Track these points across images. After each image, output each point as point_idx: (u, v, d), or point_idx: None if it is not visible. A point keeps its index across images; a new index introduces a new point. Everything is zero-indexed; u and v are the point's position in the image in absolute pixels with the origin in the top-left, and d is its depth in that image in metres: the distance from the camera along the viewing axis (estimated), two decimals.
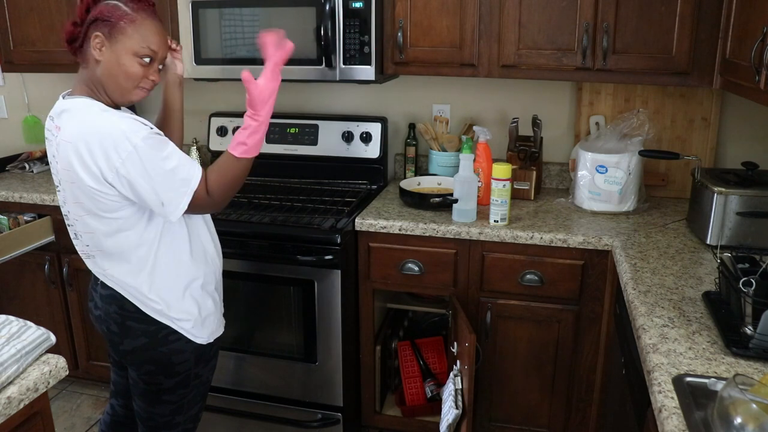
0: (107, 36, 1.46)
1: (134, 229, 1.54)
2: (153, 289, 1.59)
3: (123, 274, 1.58)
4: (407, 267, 2.24)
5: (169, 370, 1.65)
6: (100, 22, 1.46)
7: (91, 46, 1.47)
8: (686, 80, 2.14)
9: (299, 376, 2.32)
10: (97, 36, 1.46)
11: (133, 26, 1.47)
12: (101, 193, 1.47)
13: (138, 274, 1.57)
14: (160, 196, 1.47)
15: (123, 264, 1.57)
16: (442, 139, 2.61)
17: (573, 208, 2.36)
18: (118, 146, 1.41)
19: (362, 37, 2.25)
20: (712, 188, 1.90)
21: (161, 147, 1.46)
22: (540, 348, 2.22)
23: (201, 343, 1.67)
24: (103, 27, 1.46)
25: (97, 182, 1.45)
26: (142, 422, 1.75)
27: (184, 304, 1.62)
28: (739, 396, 1.04)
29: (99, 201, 1.48)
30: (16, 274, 2.75)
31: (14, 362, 1.22)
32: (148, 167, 1.43)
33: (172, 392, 1.69)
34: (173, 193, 1.47)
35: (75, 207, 1.54)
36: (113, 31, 1.46)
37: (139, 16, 1.49)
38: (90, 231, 1.55)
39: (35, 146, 3.22)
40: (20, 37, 2.75)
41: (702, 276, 1.73)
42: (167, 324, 1.61)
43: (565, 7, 2.15)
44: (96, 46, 1.47)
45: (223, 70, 2.43)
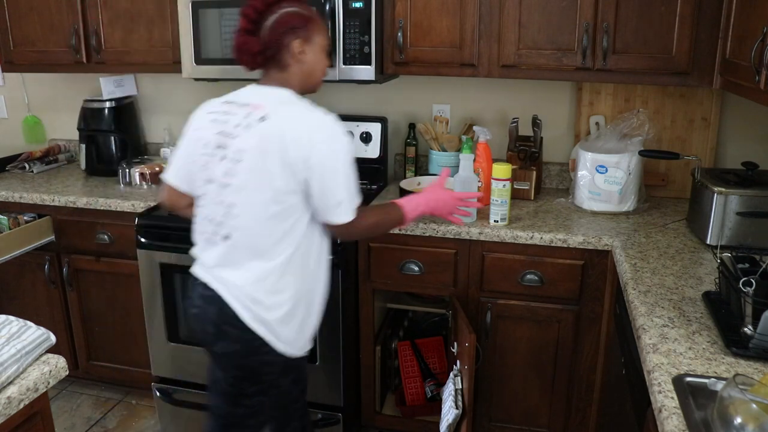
0: (305, 40, 1.60)
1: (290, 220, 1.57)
2: (270, 295, 1.59)
3: (247, 278, 1.58)
4: (407, 267, 2.24)
5: (255, 379, 1.67)
6: (295, 29, 1.58)
7: (293, 53, 1.59)
8: (686, 80, 2.14)
9: None
10: (298, 43, 1.59)
11: (317, 26, 1.63)
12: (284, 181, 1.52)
13: (265, 278, 1.58)
14: (340, 194, 1.55)
15: (257, 264, 1.57)
16: (442, 139, 2.61)
17: (573, 208, 2.36)
18: (335, 137, 1.55)
19: (362, 37, 2.25)
20: (712, 188, 1.90)
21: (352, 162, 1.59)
22: (540, 348, 2.22)
23: (292, 356, 1.67)
24: (300, 33, 1.59)
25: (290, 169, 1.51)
26: (216, 416, 1.77)
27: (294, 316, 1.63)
28: (739, 396, 1.04)
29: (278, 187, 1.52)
30: (16, 274, 2.75)
31: (14, 362, 1.22)
32: (347, 165, 1.56)
33: (252, 398, 1.70)
34: (350, 196, 1.58)
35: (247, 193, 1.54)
36: (308, 34, 1.60)
37: (313, 14, 1.64)
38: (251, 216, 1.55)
39: (35, 146, 3.23)
40: (20, 37, 2.76)
41: (702, 276, 1.73)
42: (263, 336, 1.60)
43: (565, 7, 2.15)
44: (298, 52, 1.59)
45: (223, 70, 2.43)
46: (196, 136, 1.64)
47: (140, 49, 2.62)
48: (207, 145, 1.60)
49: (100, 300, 2.68)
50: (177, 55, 2.49)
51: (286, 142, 1.50)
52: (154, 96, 3.07)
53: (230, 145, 1.55)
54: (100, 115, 2.89)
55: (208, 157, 1.59)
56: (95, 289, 2.67)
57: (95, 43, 2.65)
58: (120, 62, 2.67)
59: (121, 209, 2.50)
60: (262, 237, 1.56)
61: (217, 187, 1.58)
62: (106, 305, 2.68)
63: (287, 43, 1.58)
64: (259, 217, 1.55)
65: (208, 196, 1.61)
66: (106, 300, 2.67)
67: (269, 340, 1.60)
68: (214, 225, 1.60)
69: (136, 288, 2.46)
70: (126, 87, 2.97)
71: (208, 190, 1.61)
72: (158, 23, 2.56)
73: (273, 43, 1.57)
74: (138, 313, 2.52)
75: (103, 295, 2.66)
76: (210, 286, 1.61)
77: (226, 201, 1.57)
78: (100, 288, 2.66)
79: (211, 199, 1.60)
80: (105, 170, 2.89)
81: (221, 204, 1.58)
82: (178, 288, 2.36)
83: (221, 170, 1.56)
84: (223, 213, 1.58)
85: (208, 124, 1.62)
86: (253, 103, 1.58)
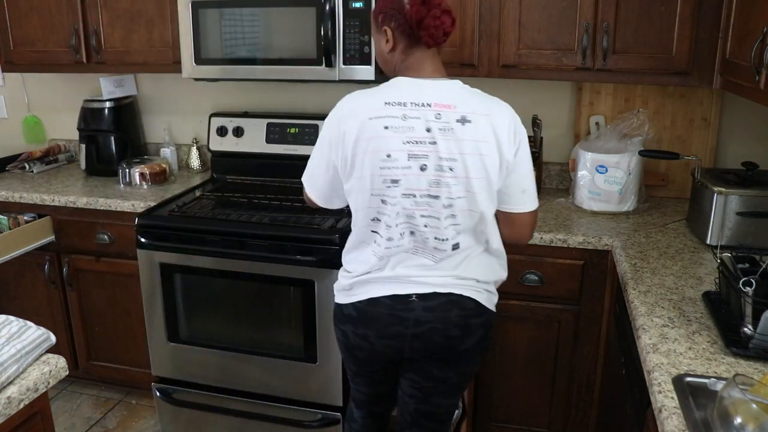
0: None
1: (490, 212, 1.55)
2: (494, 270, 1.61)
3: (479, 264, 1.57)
4: None
5: (484, 354, 1.68)
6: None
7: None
8: (686, 80, 2.14)
9: (299, 376, 2.32)
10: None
11: None
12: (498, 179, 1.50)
13: (490, 259, 1.59)
14: (526, 183, 1.54)
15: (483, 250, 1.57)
16: None
17: (573, 208, 2.36)
18: (519, 127, 1.52)
19: (362, 37, 2.25)
20: (712, 188, 1.90)
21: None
22: (540, 348, 2.22)
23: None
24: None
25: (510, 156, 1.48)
26: (428, 423, 1.72)
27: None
28: (739, 396, 1.04)
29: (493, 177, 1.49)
30: (16, 274, 2.75)
31: (14, 362, 1.22)
32: (530, 157, 1.54)
33: (474, 376, 1.74)
34: (532, 186, 1.56)
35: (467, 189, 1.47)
36: None
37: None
38: (476, 211, 1.50)
39: (35, 146, 3.23)
40: (20, 37, 2.75)
41: (702, 276, 1.73)
42: (492, 309, 1.62)
43: (565, 7, 2.15)
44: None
45: (223, 70, 2.43)
46: (371, 147, 1.47)
47: (140, 49, 2.62)
48: (391, 158, 1.46)
49: (100, 300, 2.68)
50: (177, 55, 2.49)
51: (500, 140, 1.46)
52: (154, 96, 3.07)
53: (430, 153, 1.44)
54: (100, 115, 2.89)
55: (402, 171, 1.46)
56: (95, 289, 2.67)
57: (95, 43, 2.65)
58: (120, 62, 2.67)
59: (121, 209, 2.50)
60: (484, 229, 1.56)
61: (418, 200, 1.47)
62: (106, 305, 2.68)
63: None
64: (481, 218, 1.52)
65: (403, 211, 1.49)
66: (106, 300, 2.67)
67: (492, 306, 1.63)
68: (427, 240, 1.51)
69: (136, 288, 2.46)
70: (126, 87, 2.97)
71: (403, 205, 1.48)
72: (158, 23, 2.56)
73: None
74: (138, 313, 2.52)
75: (103, 295, 2.66)
76: (438, 293, 1.54)
77: (440, 213, 1.48)
78: (100, 288, 2.66)
79: (411, 212, 1.49)
80: (105, 170, 2.89)
81: (432, 217, 1.48)
82: (178, 288, 2.36)
83: (426, 182, 1.46)
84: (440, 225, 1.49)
85: (383, 132, 1.46)
86: (436, 102, 1.46)
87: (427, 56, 1.53)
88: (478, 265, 1.57)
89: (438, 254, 1.53)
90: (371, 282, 1.57)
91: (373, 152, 1.47)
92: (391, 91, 1.50)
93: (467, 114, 1.45)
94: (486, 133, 1.45)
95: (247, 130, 2.74)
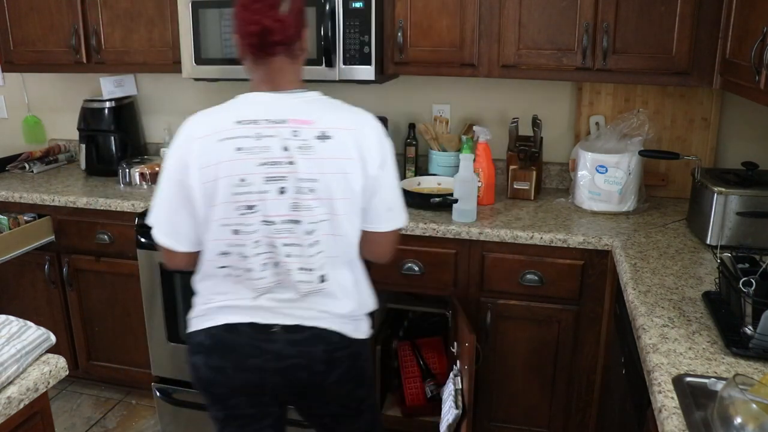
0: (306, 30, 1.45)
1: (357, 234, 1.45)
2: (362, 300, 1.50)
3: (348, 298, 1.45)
4: (407, 267, 2.24)
5: (363, 380, 1.56)
6: (304, 18, 1.43)
7: (303, 43, 1.43)
8: (686, 80, 2.14)
9: None
10: (306, 31, 1.44)
11: None
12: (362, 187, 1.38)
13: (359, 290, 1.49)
14: (392, 201, 1.44)
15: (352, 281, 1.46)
16: (442, 139, 2.61)
17: (573, 208, 2.36)
18: (386, 138, 1.43)
19: (362, 37, 2.25)
20: (712, 188, 1.90)
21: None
22: (540, 348, 2.22)
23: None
24: (307, 22, 1.45)
25: (365, 174, 1.37)
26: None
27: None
28: (739, 396, 1.04)
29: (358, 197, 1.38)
30: (16, 274, 2.75)
31: (14, 362, 1.22)
32: (395, 172, 1.45)
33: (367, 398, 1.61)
34: (399, 203, 1.47)
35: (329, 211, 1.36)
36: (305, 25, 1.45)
37: None
38: (340, 236, 1.39)
39: (35, 146, 3.23)
40: (20, 37, 2.75)
41: (702, 276, 1.73)
42: (361, 337, 1.51)
43: (565, 7, 2.15)
44: (306, 42, 1.44)
45: (223, 70, 2.43)
46: (221, 173, 1.33)
47: (140, 49, 2.62)
48: (245, 183, 1.32)
49: (100, 300, 2.68)
50: (177, 55, 2.49)
51: (364, 157, 1.36)
52: (154, 96, 3.07)
53: (288, 175, 1.32)
54: (100, 115, 2.89)
55: (258, 196, 1.33)
56: (95, 289, 2.67)
57: (95, 43, 2.65)
58: (120, 62, 2.67)
59: (121, 209, 2.50)
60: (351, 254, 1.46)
61: (279, 227, 1.34)
62: (106, 305, 2.68)
63: (304, 31, 1.41)
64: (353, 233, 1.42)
65: (264, 239, 1.35)
66: (106, 300, 2.67)
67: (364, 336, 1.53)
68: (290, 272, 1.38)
69: (136, 288, 2.46)
70: (126, 87, 2.97)
71: (263, 233, 1.35)
72: (158, 23, 2.56)
73: (295, 26, 1.38)
74: (138, 313, 2.52)
75: (103, 295, 2.66)
76: (303, 326, 1.42)
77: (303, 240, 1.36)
78: (100, 288, 2.66)
79: (272, 241, 1.35)
80: (105, 170, 2.89)
81: (295, 245, 1.36)
82: (178, 288, 2.36)
83: (286, 206, 1.33)
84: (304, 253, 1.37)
85: (235, 155, 1.32)
86: (292, 118, 1.35)
87: (273, 69, 1.39)
88: (346, 299, 1.45)
89: (303, 287, 1.40)
90: (230, 308, 1.42)
91: (225, 177, 1.32)
92: (242, 108, 1.38)
93: (327, 129, 1.34)
94: (349, 149, 1.35)
95: None
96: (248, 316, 1.41)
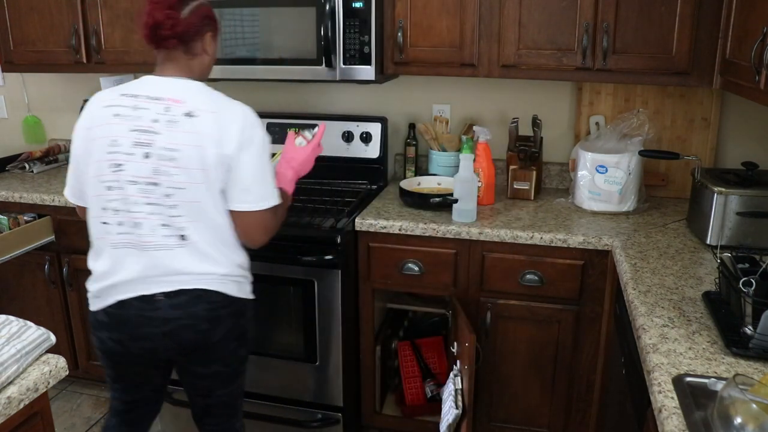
0: (214, 35, 1.65)
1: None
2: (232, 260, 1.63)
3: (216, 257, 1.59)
4: (407, 267, 2.24)
5: (244, 339, 1.72)
6: (211, 22, 1.63)
7: (205, 44, 1.62)
8: (686, 80, 2.14)
9: (299, 376, 2.32)
10: (212, 34, 1.64)
11: (219, 29, 1.69)
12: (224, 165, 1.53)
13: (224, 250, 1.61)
14: (249, 183, 1.56)
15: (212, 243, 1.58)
16: (442, 139, 2.61)
17: (573, 208, 2.36)
18: (255, 127, 1.57)
19: (362, 37, 2.25)
20: (712, 188, 1.90)
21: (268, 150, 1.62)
22: (540, 348, 2.22)
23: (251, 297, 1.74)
24: (214, 26, 1.65)
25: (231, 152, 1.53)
26: (219, 408, 1.79)
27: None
28: (739, 396, 1.04)
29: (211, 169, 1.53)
30: (16, 274, 2.75)
31: (14, 362, 1.22)
32: (262, 159, 1.58)
33: (245, 359, 1.77)
34: (259, 188, 1.59)
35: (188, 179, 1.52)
36: (215, 33, 1.66)
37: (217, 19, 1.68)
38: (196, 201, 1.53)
39: (35, 146, 3.22)
40: (20, 37, 2.75)
41: (702, 276, 1.73)
42: (244, 296, 1.68)
43: (565, 7, 2.15)
44: (211, 42, 1.64)
45: (223, 70, 2.43)
46: (98, 134, 1.55)
47: (140, 49, 2.61)
48: (116, 143, 1.52)
49: None
50: None
51: (222, 137, 1.52)
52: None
53: (154, 142, 1.51)
54: None
55: (125, 156, 1.52)
56: None
57: (95, 43, 2.65)
58: (120, 62, 2.67)
59: None
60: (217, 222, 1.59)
61: (143, 188, 1.52)
62: None
63: (205, 34, 1.61)
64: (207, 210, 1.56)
65: (130, 198, 1.53)
66: None
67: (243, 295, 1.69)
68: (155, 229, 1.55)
69: None
70: None
71: (128, 192, 1.52)
72: None
73: (193, 26, 1.57)
74: None
75: None
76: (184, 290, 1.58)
77: (163, 201, 1.53)
78: None
79: (137, 199, 1.53)
80: None
81: (156, 205, 1.53)
82: None
83: (148, 169, 1.51)
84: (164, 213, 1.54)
85: (112, 119, 1.54)
86: (168, 97, 1.54)
87: (168, 58, 1.60)
88: (215, 258, 1.59)
89: (167, 241, 1.55)
90: (118, 285, 1.58)
91: (101, 138, 1.54)
92: (132, 86, 1.59)
93: (194, 110, 1.52)
94: (208, 127, 1.51)
95: None
96: (134, 291, 1.57)
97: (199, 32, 1.59)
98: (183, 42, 1.57)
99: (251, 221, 1.61)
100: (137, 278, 1.57)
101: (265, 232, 1.65)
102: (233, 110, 1.56)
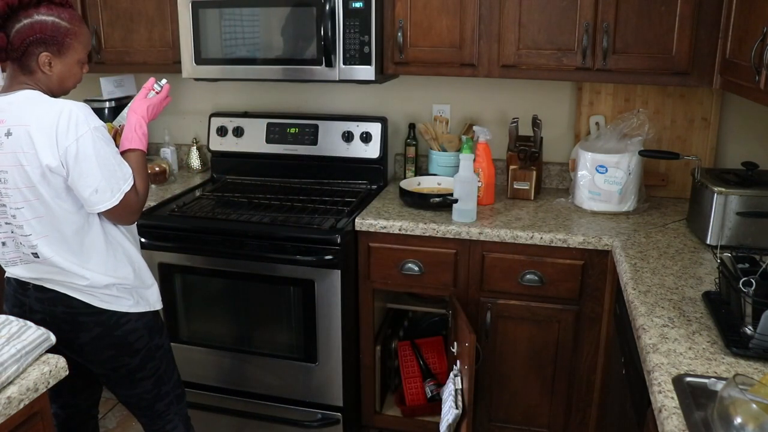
0: (56, 54, 1.54)
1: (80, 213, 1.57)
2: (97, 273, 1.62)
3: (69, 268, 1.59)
4: (407, 267, 2.24)
5: (129, 350, 1.71)
6: (45, 41, 1.51)
7: (40, 63, 1.52)
8: (686, 80, 2.14)
9: (299, 376, 2.32)
10: (46, 55, 1.52)
11: (77, 39, 1.57)
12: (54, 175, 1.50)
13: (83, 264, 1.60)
14: (95, 183, 1.51)
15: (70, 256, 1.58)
16: (442, 139, 2.61)
17: (573, 208, 2.36)
18: (78, 124, 1.48)
19: (362, 37, 2.25)
20: (712, 188, 1.90)
21: (110, 141, 1.57)
22: (540, 348, 2.22)
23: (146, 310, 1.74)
24: (51, 47, 1.52)
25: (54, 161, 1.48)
26: (135, 409, 1.84)
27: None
28: (739, 396, 1.04)
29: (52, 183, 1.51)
30: None
31: (14, 362, 1.22)
32: (98, 151, 1.51)
33: (141, 368, 1.75)
34: (110, 183, 1.54)
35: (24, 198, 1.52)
36: (62, 48, 1.54)
37: (77, 27, 1.57)
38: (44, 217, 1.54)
39: None
40: None
41: (702, 276, 1.73)
42: (117, 309, 1.67)
43: (565, 7, 2.15)
44: (45, 64, 1.53)
45: (223, 70, 2.43)
46: None
47: (140, 49, 2.62)
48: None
49: None
50: (177, 55, 2.49)
51: (38, 150, 1.47)
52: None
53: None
54: (100, 115, 2.80)
55: None
56: None
57: (95, 43, 2.65)
58: (120, 62, 2.67)
59: None
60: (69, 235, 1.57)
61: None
62: None
63: (35, 53, 1.51)
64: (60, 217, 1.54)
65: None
66: None
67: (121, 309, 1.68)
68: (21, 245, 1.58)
69: None
70: (126, 87, 2.97)
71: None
72: (158, 23, 2.56)
73: (18, 46, 1.49)
74: None
75: None
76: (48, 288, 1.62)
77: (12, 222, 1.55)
78: None
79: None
80: None
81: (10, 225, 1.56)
82: (178, 288, 2.36)
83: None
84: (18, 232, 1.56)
85: None
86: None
87: (10, 74, 1.56)
88: (73, 271, 1.59)
89: (29, 258, 1.59)
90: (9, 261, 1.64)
91: None
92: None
93: (12, 126, 1.49)
94: (24, 143, 1.47)
95: (247, 130, 2.74)
96: (20, 271, 1.63)
97: (26, 53, 1.51)
98: (12, 59, 1.52)
99: (116, 212, 1.59)
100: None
101: (134, 212, 1.64)
102: (48, 117, 1.48)
